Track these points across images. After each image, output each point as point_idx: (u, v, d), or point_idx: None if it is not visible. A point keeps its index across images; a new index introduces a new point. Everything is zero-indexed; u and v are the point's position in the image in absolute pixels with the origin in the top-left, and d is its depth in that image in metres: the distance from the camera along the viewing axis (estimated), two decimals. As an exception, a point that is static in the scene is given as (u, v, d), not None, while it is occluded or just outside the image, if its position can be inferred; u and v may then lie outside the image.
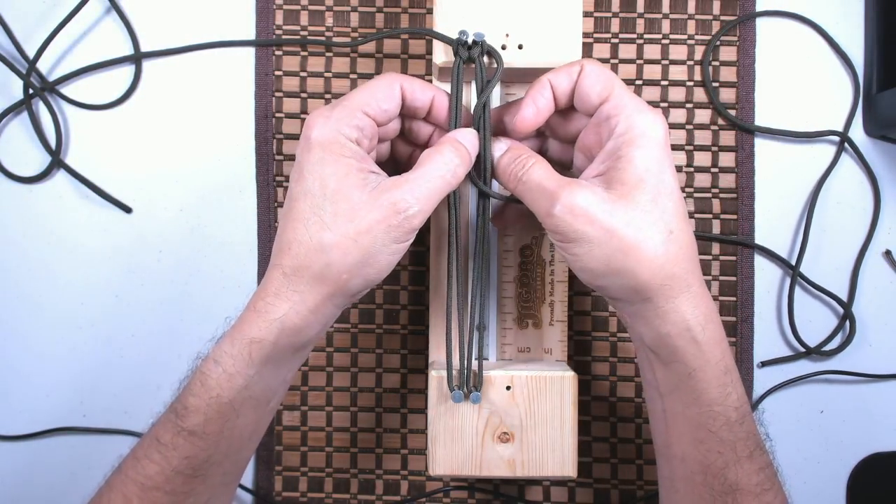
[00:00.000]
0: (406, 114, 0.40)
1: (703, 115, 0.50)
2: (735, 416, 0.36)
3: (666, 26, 0.50)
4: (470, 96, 0.42)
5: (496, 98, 0.44)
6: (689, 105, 0.50)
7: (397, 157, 0.43)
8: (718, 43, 0.50)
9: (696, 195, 0.50)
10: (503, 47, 0.41)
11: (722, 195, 0.50)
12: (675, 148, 0.50)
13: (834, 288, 0.50)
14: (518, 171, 0.38)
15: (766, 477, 0.36)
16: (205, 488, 0.36)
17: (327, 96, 0.50)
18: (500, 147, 0.40)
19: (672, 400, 0.37)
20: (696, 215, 0.50)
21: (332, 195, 0.35)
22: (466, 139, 0.38)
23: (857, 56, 0.50)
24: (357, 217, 0.35)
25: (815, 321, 0.50)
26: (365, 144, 0.37)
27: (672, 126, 0.50)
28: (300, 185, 0.36)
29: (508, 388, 0.42)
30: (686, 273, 0.35)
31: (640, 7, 0.50)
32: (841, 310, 0.50)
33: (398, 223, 0.35)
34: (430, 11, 0.50)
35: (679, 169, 0.50)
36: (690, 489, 0.37)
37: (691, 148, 0.50)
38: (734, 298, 0.50)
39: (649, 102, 0.49)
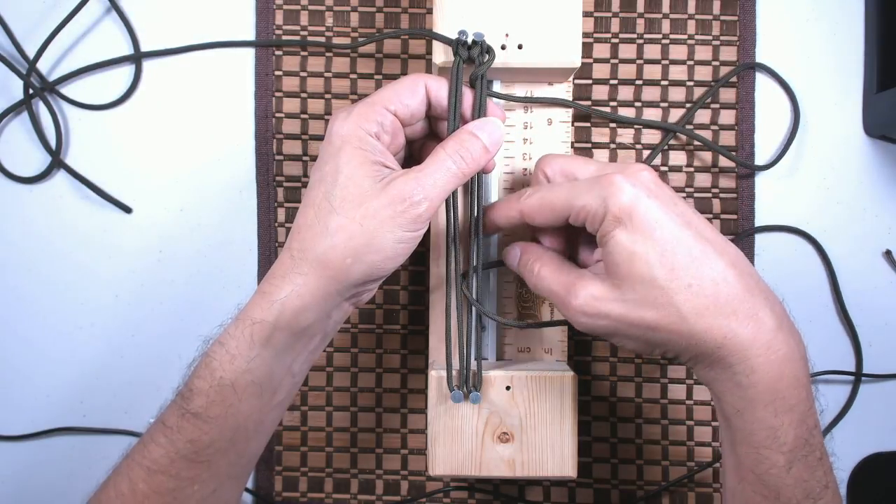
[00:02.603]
0: (433, 114, 0.40)
1: (702, 115, 0.50)
2: (783, 461, 0.34)
3: (666, 26, 0.50)
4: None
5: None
6: (688, 105, 0.50)
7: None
8: (719, 43, 0.50)
9: (696, 195, 0.50)
10: (503, 47, 0.41)
11: (722, 195, 0.50)
12: (674, 148, 0.50)
13: (834, 287, 0.50)
14: (530, 277, 0.39)
15: None
16: (210, 476, 0.36)
17: (327, 96, 0.50)
18: (514, 253, 0.40)
19: (725, 434, 0.37)
20: (696, 215, 0.50)
21: (344, 182, 0.36)
22: (484, 130, 0.39)
23: (858, 56, 0.50)
24: (364, 203, 0.36)
25: (815, 319, 0.50)
26: (385, 139, 0.38)
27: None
28: (317, 174, 0.37)
29: (508, 388, 0.42)
30: (726, 318, 0.34)
31: (640, 7, 0.50)
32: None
33: (403, 210, 0.35)
34: (430, 11, 0.50)
35: (679, 169, 0.50)
36: None
37: (692, 148, 0.50)
38: (734, 298, 0.50)
39: (649, 102, 0.50)
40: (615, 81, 0.50)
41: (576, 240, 0.41)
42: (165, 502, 0.36)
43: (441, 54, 0.41)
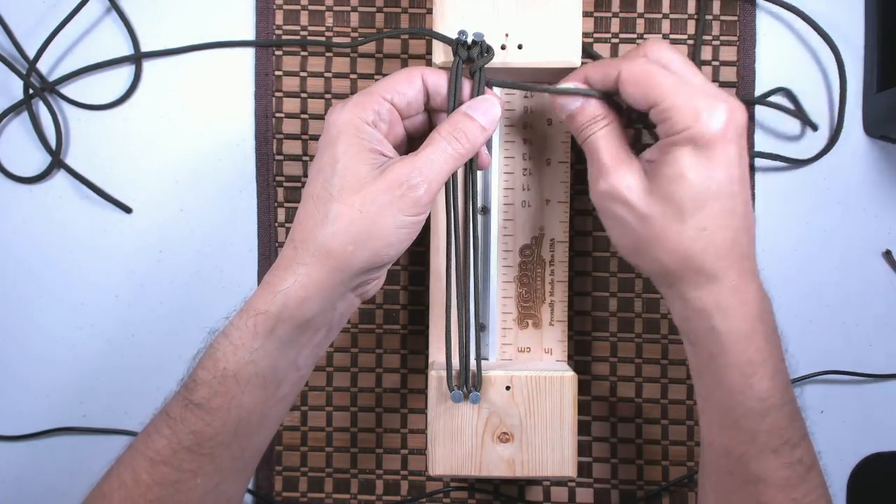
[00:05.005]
0: (432, 106, 0.41)
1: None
2: (759, 408, 0.36)
3: (666, 26, 0.50)
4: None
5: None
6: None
7: None
8: (719, 43, 0.50)
9: (696, 195, 0.50)
10: (503, 47, 0.41)
11: (722, 195, 0.50)
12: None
13: (833, 287, 0.50)
14: (585, 131, 0.39)
15: (797, 473, 0.36)
16: (213, 469, 0.36)
17: (327, 96, 0.50)
18: (572, 102, 0.39)
19: (701, 383, 0.38)
20: (696, 215, 0.50)
21: (342, 170, 0.36)
22: (479, 109, 0.39)
23: (858, 56, 0.50)
24: (363, 189, 0.36)
25: (815, 319, 0.50)
26: (382, 128, 0.38)
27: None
28: (315, 165, 0.37)
29: (508, 388, 0.42)
30: (716, 267, 0.36)
31: (640, 7, 0.50)
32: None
33: (402, 194, 0.36)
34: (430, 11, 0.50)
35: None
36: (717, 476, 0.38)
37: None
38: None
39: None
40: (615, 81, 0.50)
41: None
42: (168, 494, 0.36)
43: (441, 54, 0.41)
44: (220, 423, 0.36)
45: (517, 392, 0.42)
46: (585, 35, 0.50)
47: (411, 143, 0.42)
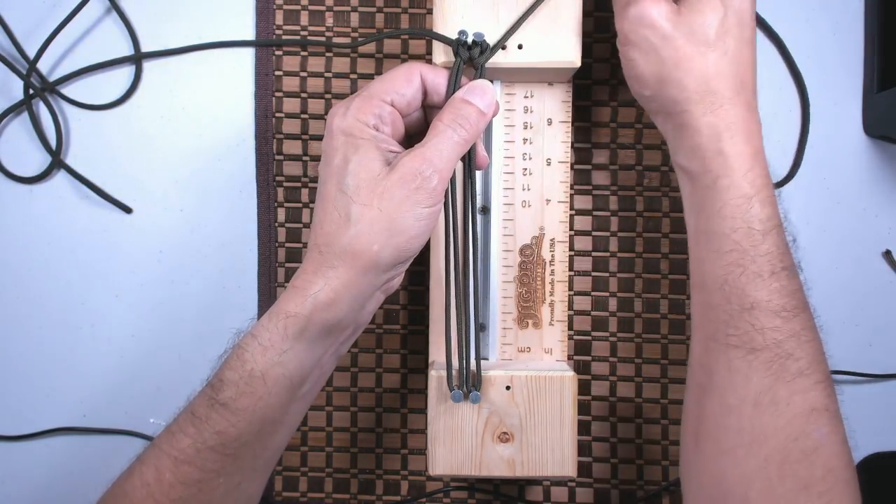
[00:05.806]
0: (430, 103, 0.41)
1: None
2: (759, 228, 0.37)
3: (666, 26, 0.50)
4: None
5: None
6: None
7: None
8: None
9: (696, 195, 0.50)
10: (503, 47, 0.41)
11: (722, 195, 0.50)
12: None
13: (833, 287, 0.50)
14: None
15: (793, 303, 0.37)
16: (235, 469, 0.37)
17: (327, 96, 0.50)
18: None
19: (700, 217, 0.38)
20: (696, 215, 0.50)
21: (354, 170, 0.36)
22: (475, 94, 0.39)
23: (858, 56, 0.50)
24: (378, 187, 0.36)
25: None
26: (385, 130, 0.38)
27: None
28: (327, 170, 0.38)
29: (508, 387, 0.42)
30: (729, 91, 0.38)
31: (640, 7, 0.50)
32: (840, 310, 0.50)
33: (417, 186, 0.36)
34: (430, 11, 0.50)
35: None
36: (706, 313, 0.38)
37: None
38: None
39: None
40: (615, 81, 0.50)
41: None
42: (191, 493, 0.36)
43: (441, 54, 0.41)
44: (244, 424, 0.36)
45: (517, 392, 0.42)
46: (585, 35, 0.49)
47: (408, 139, 0.42)
